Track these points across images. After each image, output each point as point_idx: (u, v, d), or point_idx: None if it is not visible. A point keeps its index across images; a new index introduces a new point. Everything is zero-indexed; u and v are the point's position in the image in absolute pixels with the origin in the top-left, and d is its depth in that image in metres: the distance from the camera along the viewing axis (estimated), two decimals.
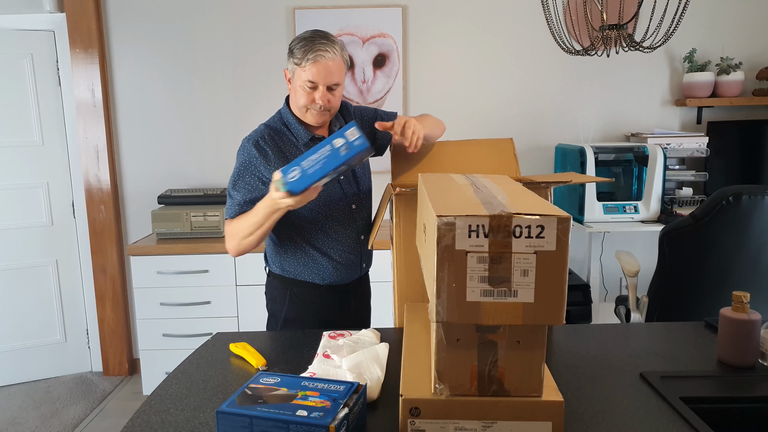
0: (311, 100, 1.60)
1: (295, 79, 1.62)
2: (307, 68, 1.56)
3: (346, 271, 1.73)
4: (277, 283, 1.76)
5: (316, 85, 1.58)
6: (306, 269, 1.71)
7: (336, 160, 1.34)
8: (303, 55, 1.56)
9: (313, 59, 1.55)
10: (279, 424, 0.92)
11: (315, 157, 1.35)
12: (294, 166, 1.37)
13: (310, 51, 1.55)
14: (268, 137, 1.65)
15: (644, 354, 1.35)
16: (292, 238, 1.69)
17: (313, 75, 1.57)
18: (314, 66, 1.56)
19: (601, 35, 2.09)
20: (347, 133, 1.35)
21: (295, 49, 1.58)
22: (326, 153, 1.35)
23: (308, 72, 1.57)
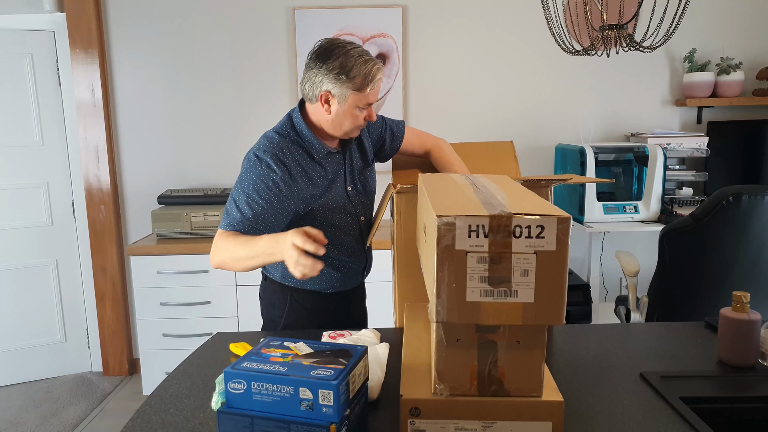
0: (363, 120, 1.54)
1: (348, 104, 1.50)
2: (370, 93, 1.50)
3: (349, 278, 1.72)
4: (275, 288, 1.71)
5: (370, 105, 1.53)
6: (309, 279, 1.65)
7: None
8: (364, 80, 1.47)
9: (375, 82, 1.49)
10: (279, 424, 0.92)
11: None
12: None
13: (371, 75, 1.48)
14: (287, 150, 1.53)
15: (644, 354, 1.35)
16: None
17: (374, 96, 1.51)
18: (376, 88, 1.50)
19: (601, 35, 2.09)
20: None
21: (353, 72, 1.46)
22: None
23: (371, 96, 1.50)
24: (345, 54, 1.47)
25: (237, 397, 0.94)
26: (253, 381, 0.93)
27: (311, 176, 1.57)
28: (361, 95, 1.49)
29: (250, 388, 0.93)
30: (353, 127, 1.55)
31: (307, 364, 0.96)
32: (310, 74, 1.51)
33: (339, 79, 1.47)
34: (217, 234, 1.51)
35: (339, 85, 1.48)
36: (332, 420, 0.90)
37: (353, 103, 1.50)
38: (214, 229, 2.92)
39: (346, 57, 1.47)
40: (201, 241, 2.87)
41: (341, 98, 1.50)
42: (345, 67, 1.46)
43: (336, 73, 1.47)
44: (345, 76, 1.46)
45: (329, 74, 1.48)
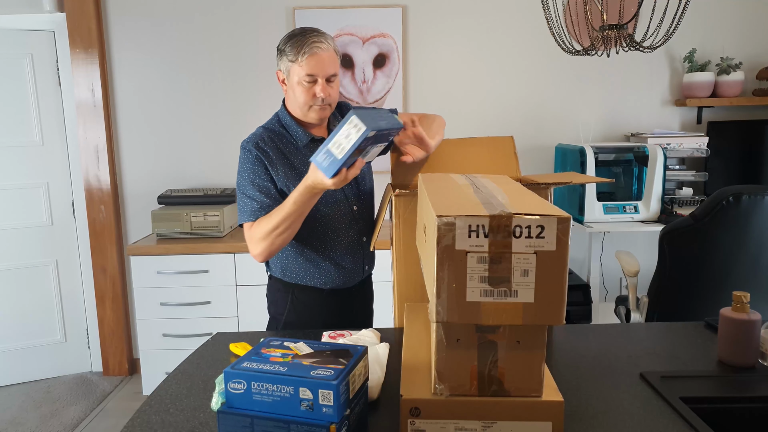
0: (312, 95, 1.58)
1: (291, 78, 1.59)
2: (304, 63, 1.54)
3: (348, 274, 1.72)
4: (279, 285, 1.73)
5: (315, 79, 1.56)
6: (307, 274, 1.69)
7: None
8: (298, 50, 1.54)
9: (309, 52, 1.54)
10: (280, 424, 0.92)
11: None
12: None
13: (305, 45, 1.54)
14: (268, 139, 1.63)
15: (644, 354, 1.35)
16: (291, 242, 1.67)
17: (312, 68, 1.55)
18: (311, 59, 1.54)
19: (601, 35, 2.09)
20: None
21: (288, 47, 1.56)
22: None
23: (306, 66, 1.55)
24: (289, 35, 1.59)
25: (237, 397, 0.94)
26: (253, 381, 0.93)
27: (294, 164, 1.63)
28: (298, 67, 1.56)
29: (250, 388, 0.93)
30: (305, 100, 1.59)
31: (307, 364, 0.96)
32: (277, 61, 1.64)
33: (281, 57, 1.60)
34: (246, 228, 1.61)
35: (282, 61, 1.60)
36: (332, 420, 0.90)
37: (294, 74, 1.58)
38: (214, 229, 2.92)
39: (288, 37, 1.59)
40: (201, 241, 2.87)
41: (286, 73, 1.60)
42: (286, 44, 1.58)
43: (279, 52, 1.61)
44: (282, 52, 1.59)
45: (278, 53, 1.61)
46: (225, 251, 2.84)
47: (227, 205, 3.02)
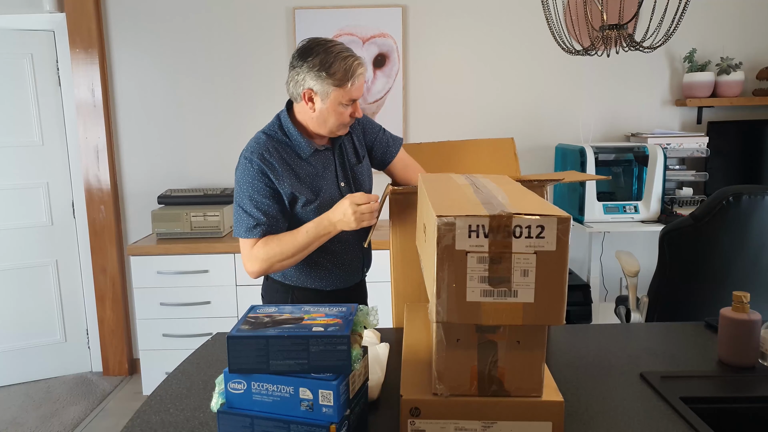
0: (348, 116, 1.55)
1: (330, 100, 1.51)
2: (352, 89, 1.51)
3: (347, 275, 1.72)
4: (277, 287, 1.72)
5: (354, 101, 1.54)
6: (309, 277, 1.68)
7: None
8: (344, 75, 1.48)
9: (358, 80, 1.51)
10: (279, 424, 0.92)
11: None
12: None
13: (352, 70, 1.49)
14: (273, 149, 1.56)
15: (644, 354, 1.35)
16: None
17: (356, 93, 1.52)
18: (357, 84, 1.51)
19: (601, 35, 2.09)
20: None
21: (331, 71, 1.47)
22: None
23: (353, 91, 1.51)
24: (325, 51, 1.49)
25: (237, 397, 0.94)
26: (253, 381, 0.93)
27: (299, 174, 1.58)
28: (342, 91, 1.50)
29: (250, 388, 0.93)
30: (338, 123, 1.56)
31: None
32: (293, 73, 1.54)
33: (320, 76, 1.49)
34: (242, 244, 1.57)
35: (320, 81, 1.49)
36: (332, 420, 0.90)
37: (336, 99, 1.51)
38: (214, 229, 2.92)
39: (325, 54, 1.48)
40: (201, 241, 2.87)
41: (324, 95, 1.51)
42: (325, 64, 1.48)
43: (317, 70, 1.48)
44: (325, 72, 1.48)
45: (310, 71, 1.49)
46: (225, 251, 2.84)
47: (227, 205, 3.02)
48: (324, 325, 0.93)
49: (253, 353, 0.91)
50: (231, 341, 0.92)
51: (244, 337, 0.92)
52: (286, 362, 0.91)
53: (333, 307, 1.03)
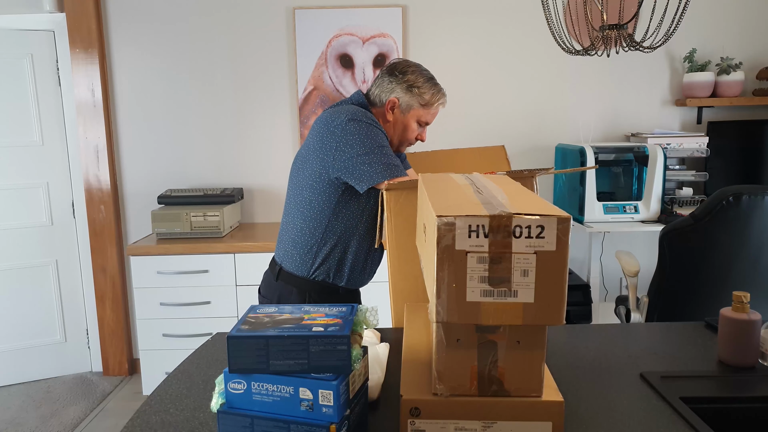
0: (416, 137, 1.72)
1: (410, 115, 1.69)
2: (432, 112, 1.70)
3: (368, 275, 1.78)
4: (290, 288, 1.71)
5: (426, 125, 1.72)
6: (340, 270, 1.70)
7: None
8: (432, 98, 1.68)
9: (439, 105, 1.70)
10: (280, 424, 0.92)
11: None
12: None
13: (438, 97, 1.69)
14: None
15: (644, 354, 1.35)
16: (333, 240, 1.67)
17: (433, 118, 1.71)
18: (436, 111, 1.70)
19: (601, 35, 2.09)
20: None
21: (424, 90, 1.66)
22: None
23: (432, 115, 1.70)
24: (419, 72, 1.68)
25: (237, 397, 0.94)
26: (253, 381, 0.93)
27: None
28: (424, 111, 1.69)
29: (250, 388, 0.93)
30: (405, 139, 1.72)
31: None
32: (383, 82, 1.70)
33: (410, 91, 1.67)
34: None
35: (409, 95, 1.67)
36: (332, 420, 0.90)
37: (415, 115, 1.69)
38: (214, 229, 2.92)
39: (419, 75, 1.68)
40: (201, 241, 2.87)
41: (406, 108, 1.68)
42: (417, 83, 1.67)
43: (409, 85, 1.67)
44: (417, 89, 1.67)
45: (402, 84, 1.67)
46: (225, 251, 2.84)
47: (227, 205, 3.02)
48: (324, 325, 0.93)
49: (253, 353, 0.91)
50: (231, 341, 0.92)
51: (244, 337, 0.92)
52: (286, 362, 0.91)
53: (333, 307, 1.03)
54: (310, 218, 1.65)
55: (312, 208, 1.64)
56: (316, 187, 1.62)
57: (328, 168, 1.59)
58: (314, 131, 1.64)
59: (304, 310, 1.02)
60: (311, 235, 1.66)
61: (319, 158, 1.60)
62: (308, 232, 1.66)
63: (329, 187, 1.61)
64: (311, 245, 1.67)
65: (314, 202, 1.63)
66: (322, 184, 1.61)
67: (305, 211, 1.65)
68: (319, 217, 1.64)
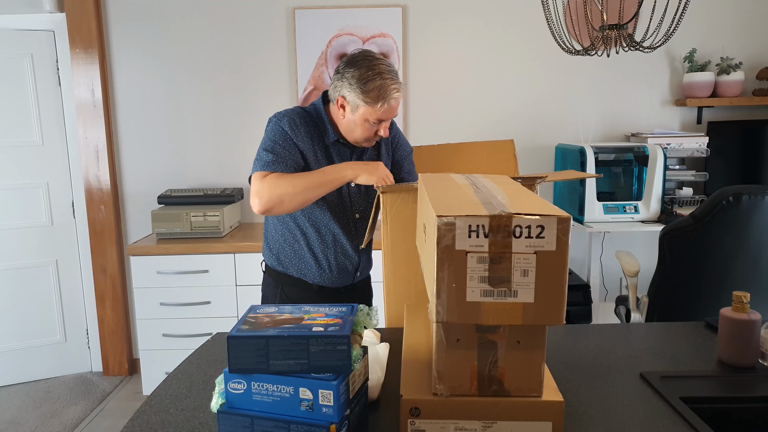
0: (373, 134, 1.61)
1: (357, 113, 1.57)
2: (381, 110, 1.55)
3: (337, 276, 1.75)
4: (270, 280, 1.79)
5: (382, 121, 1.59)
6: (299, 266, 1.73)
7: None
8: (377, 95, 1.52)
9: (388, 103, 1.54)
10: (280, 424, 0.92)
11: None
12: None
13: (386, 95, 1.53)
14: (302, 120, 1.63)
15: (644, 354, 1.35)
16: (293, 233, 1.71)
17: (384, 115, 1.56)
18: (388, 107, 1.55)
19: (601, 35, 2.09)
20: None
21: (366, 87, 1.52)
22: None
23: (380, 113, 1.55)
24: (368, 66, 1.54)
25: (237, 397, 0.94)
26: (253, 381, 0.93)
27: (316, 151, 1.64)
28: (371, 109, 1.54)
29: (250, 388, 0.93)
30: (363, 137, 1.62)
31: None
32: (335, 77, 1.60)
33: (354, 90, 1.54)
34: (255, 177, 1.57)
35: (354, 94, 1.55)
36: (332, 420, 0.90)
37: (363, 115, 1.56)
38: (214, 229, 2.92)
39: (367, 69, 1.53)
40: (201, 241, 2.87)
41: (353, 107, 1.57)
42: (362, 79, 1.53)
43: (354, 82, 1.54)
44: (361, 87, 1.53)
45: (345, 81, 1.56)
46: (225, 251, 2.84)
47: (227, 205, 3.02)
48: (324, 325, 0.93)
49: (253, 353, 0.91)
50: (231, 341, 0.92)
51: (244, 337, 0.92)
52: (286, 362, 0.91)
53: (333, 307, 1.03)
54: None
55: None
56: None
57: None
58: None
59: (304, 310, 1.02)
60: (271, 227, 1.76)
61: None
62: (271, 225, 1.76)
63: None
64: (272, 237, 1.76)
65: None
66: None
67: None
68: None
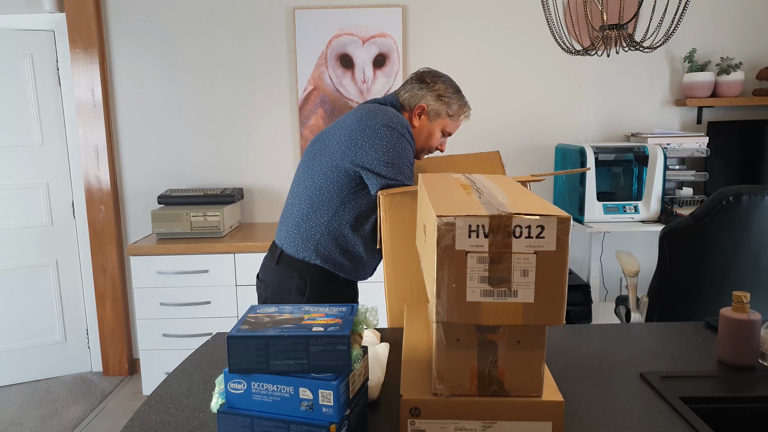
0: (437, 145, 1.79)
1: (436, 123, 1.75)
2: (457, 123, 1.77)
3: (365, 270, 1.77)
4: (292, 273, 1.70)
5: (448, 135, 1.79)
6: (341, 260, 1.70)
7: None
8: (460, 110, 1.76)
9: (464, 118, 1.78)
10: (280, 424, 0.92)
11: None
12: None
13: (465, 111, 1.77)
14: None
15: (644, 354, 1.35)
16: (346, 236, 1.69)
17: (455, 129, 1.79)
18: (461, 122, 1.78)
19: (601, 35, 2.09)
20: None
21: (454, 101, 1.74)
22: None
23: (455, 126, 1.78)
24: (450, 84, 1.76)
25: (237, 397, 0.94)
26: (253, 381, 0.93)
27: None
28: (450, 121, 1.76)
29: (250, 388, 0.93)
30: (427, 145, 1.78)
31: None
32: (413, 88, 1.76)
33: (440, 100, 1.73)
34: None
35: (438, 104, 1.73)
36: (332, 420, 0.90)
37: (441, 124, 1.75)
38: (214, 229, 2.92)
39: (449, 86, 1.75)
40: (201, 241, 2.87)
41: (434, 115, 1.74)
42: (446, 93, 1.74)
43: (439, 95, 1.73)
44: (446, 99, 1.74)
45: (432, 92, 1.73)
46: (225, 251, 2.84)
47: (227, 205, 3.02)
48: (324, 325, 0.93)
49: (253, 353, 0.91)
50: (231, 341, 0.92)
51: (244, 337, 0.92)
52: (286, 362, 0.91)
53: (333, 307, 1.03)
54: (319, 204, 1.66)
55: (321, 194, 1.66)
56: (330, 174, 1.64)
57: (348, 160, 1.61)
58: (345, 122, 1.66)
59: (304, 310, 1.03)
60: (317, 220, 1.67)
61: (342, 149, 1.62)
62: (314, 217, 1.67)
63: (343, 177, 1.63)
64: (315, 230, 1.67)
65: (324, 189, 1.65)
66: (336, 173, 1.63)
67: (314, 196, 1.67)
68: (327, 203, 1.65)
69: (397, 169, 1.59)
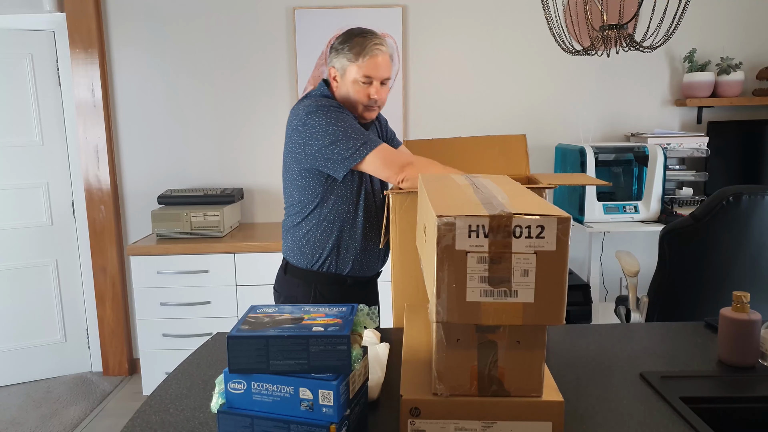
0: (366, 96, 1.65)
1: (347, 76, 1.65)
2: (364, 65, 1.62)
3: (367, 262, 1.76)
4: (297, 281, 1.74)
5: (371, 80, 1.63)
6: (338, 258, 1.71)
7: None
8: (359, 51, 1.62)
9: (370, 54, 1.62)
10: (280, 424, 0.92)
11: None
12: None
13: (366, 47, 1.62)
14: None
15: (644, 354, 1.35)
16: (345, 223, 1.70)
17: (369, 70, 1.63)
18: (371, 61, 1.62)
19: (601, 35, 2.09)
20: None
21: (347, 47, 1.63)
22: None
23: (365, 68, 1.62)
24: (348, 32, 1.67)
25: (237, 397, 0.94)
26: (253, 381, 0.93)
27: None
28: (356, 66, 1.63)
29: (250, 388, 0.93)
30: (358, 99, 1.65)
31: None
32: (328, 58, 1.70)
33: (339, 54, 1.65)
34: (378, 153, 1.55)
35: (339, 58, 1.65)
36: (332, 420, 0.90)
37: (352, 74, 1.64)
38: (214, 229, 2.92)
39: (348, 35, 1.66)
40: (201, 241, 2.87)
41: (341, 70, 1.66)
42: (345, 42, 1.65)
43: (336, 51, 1.66)
44: (341, 49, 1.65)
45: (332, 52, 1.68)
46: (225, 251, 2.84)
47: (227, 205, 3.02)
48: (324, 325, 0.93)
49: (253, 353, 0.91)
50: (231, 341, 0.92)
51: (244, 337, 0.92)
52: (286, 362, 0.91)
53: (333, 307, 1.03)
54: (303, 212, 1.71)
55: (302, 203, 1.70)
56: (300, 183, 1.68)
57: (303, 163, 1.64)
58: (286, 132, 1.70)
59: (305, 310, 1.03)
60: (306, 227, 1.71)
61: (293, 157, 1.66)
62: (303, 224, 1.72)
63: (311, 180, 1.66)
64: (308, 237, 1.72)
65: (302, 197, 1.69)
66: (303, 180, 1.67)
67: (295, 204, 1.72)
68: (309, 208, 1.69)
69: (344, 142, 1.56)
